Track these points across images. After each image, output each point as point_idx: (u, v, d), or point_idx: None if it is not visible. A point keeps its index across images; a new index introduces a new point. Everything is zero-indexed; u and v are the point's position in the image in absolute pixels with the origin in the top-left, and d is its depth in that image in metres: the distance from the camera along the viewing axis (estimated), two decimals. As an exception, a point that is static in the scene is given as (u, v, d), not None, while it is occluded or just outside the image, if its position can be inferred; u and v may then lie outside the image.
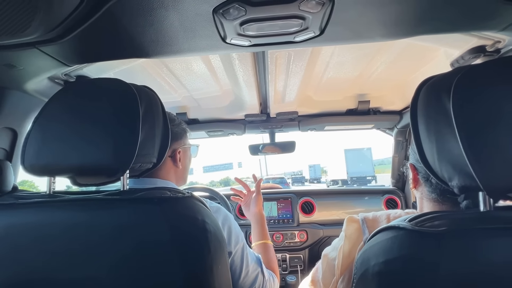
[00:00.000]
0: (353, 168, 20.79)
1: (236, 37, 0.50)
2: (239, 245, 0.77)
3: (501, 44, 0.68)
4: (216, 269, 0.54)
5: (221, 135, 1.58)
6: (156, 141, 0.63)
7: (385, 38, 0.57)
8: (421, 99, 0.53)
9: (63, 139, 0.54)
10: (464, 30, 0.57)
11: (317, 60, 0.96)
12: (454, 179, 0.45)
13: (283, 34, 0.50)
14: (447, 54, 0.84)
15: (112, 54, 0.61)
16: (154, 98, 0.65)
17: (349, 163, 21.09)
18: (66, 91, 0.59)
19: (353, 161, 20.95)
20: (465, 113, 0.42)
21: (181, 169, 0.83)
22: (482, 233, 0.39)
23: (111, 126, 0.54)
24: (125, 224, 0.50)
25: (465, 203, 0.49)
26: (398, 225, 0.44)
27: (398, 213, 0.65)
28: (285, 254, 1.67)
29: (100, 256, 0.48)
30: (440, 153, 0.47)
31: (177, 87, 1.18)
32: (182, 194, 0.56)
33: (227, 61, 0.90)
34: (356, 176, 20.38)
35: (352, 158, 21.08)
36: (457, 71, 0.47)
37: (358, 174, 20.53)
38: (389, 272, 0.42)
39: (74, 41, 0.52)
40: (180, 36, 0.51)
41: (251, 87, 1.10)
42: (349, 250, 0.64)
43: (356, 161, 20.92)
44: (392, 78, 1.13)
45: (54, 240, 0.50)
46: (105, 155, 0.52)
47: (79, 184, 0.58)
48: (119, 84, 0.58)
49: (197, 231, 0.53)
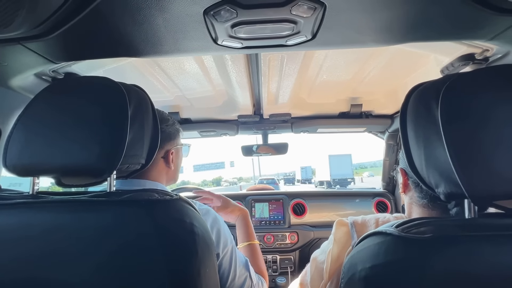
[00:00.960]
0: (336, 171, 24.73)
1: (228, 39, 0.49)
2: (227, 248, 0.77)
3: (490, 52, 0.70)
4: (203, 273, 0.53)
5: (213, 136, 1.57)
6: (145, 142, 0.62)
7: (377, 44, 0.57)
8: (410, 105, 0.53)
9: (48, 138, 0.52)
10: (453, 38, 0.58)
11: (310, 62, 0.96)
12: (440, 185, 0.46)
13: (275, 38, 0.50)
14: (437, 60, 0.85)
15: (100, 53, 0.60)
16: (144, 97, 0.64)
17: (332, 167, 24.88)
18: (52, 89, 0.58)
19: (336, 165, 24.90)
20: (452, 121, 0.43)
21: (173, 170, 0.82)
22: (466, 240, 0.40)
23: (98, 125, 0.52)
24: (110, 227, 0.48)
25: (455, 210, 0.50)
26: (385, 230, 0.44)
27: (386, 218, 0.66)
28: (276, 255, 1.67)
29: (83, 260, 0.47)
30: (428, 160, 0.48)
31: (169, 86, 1.17)
32: (170, 196, 0.55)
33: (219, 61, 0.90)
34: (338, 178, 24.27)
35: (335, 162, 25.00)
36: (446, 78, 0.48)
37: (339, 176, 24.40)
38: (374, 277, 0.43)
39: (60, 39, 0.50)
40: (170, 36, 0.50)
41: (244, 88, 1.10)
42: (338, 254, 0.65)
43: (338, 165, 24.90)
44: (384, 82, 1.14)
45: (36, 242, 0.48)
46: (91, 155, 0.51)
47: (64, 185, 0.57)
48: (107, 82, 0.57)
49: (185, 234, 0.53)
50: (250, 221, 1.03)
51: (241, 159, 34.80)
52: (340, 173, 24.54)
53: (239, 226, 1.03)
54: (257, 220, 1.73)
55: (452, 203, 0.50)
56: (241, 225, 1.02)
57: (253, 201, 1.77)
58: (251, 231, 1.00)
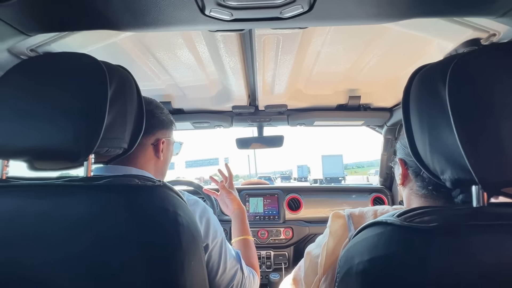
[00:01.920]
0: (328, 170, 27.11)
1: (216, 7, 0.45)
2: (217, 240, 0.73)
3: (496, 37, 0.66)
4: (188, 266, 0.49)
5: (207, 127, 1.52)
6: (128, 125, 0.58)
7: (379, 20, 0.53)
8: (414, 88, 0.50)
9: (19, 118, 0.48)
10: (462, 14, 0.54)
11: (307, 49, 0.92)
12: (446, 172, 0.42)
13: (269, 7, 0.45)
14: (440, 47, 0.81)
15: (76, 23, 0.55)
16: (128, 78, 0.60)
17: (325, 166, 27.27)
18: (25, 64, 0.53)
19: (328, 165, 27.30)
20: (461, 101, 0.39)
21: (162, 161, 0.78)
22: (474, 230, 0.36)
23: (73, 104, 0.48)
24: (85, 214, 0.44)
25: (460, 198, 0.47)
26: (386, 220, 0.41)
27: (385, 209, 0.62)
28: (270, 251, 1.64)
29: (54, 249, 0.43)
30: (433, 145, 0.44)
31: (160, 73, 1.11)
32: (152, 182, 0.51)
33: (212, 44, 0.85)
34: (330, 177, 26.46)
35: (327, 162, 27.45)
36: (452, 57, 0.44)
37: (331, 175, 26.59)
38: (373, 271, 0.39)
39: (28, 3, 0.45)
40: (153, 4, 0.46)
41: (238, 76, 1.05)
42: (333, 247, 0.61)
43: (330, 164, 27.31)
44: (383, 73, 1.11)
45: (5, 227, 0.44)
46: (65, 137, 0.47)
47: (38, 169, 0.53)
48: (86, 59, 0.52)
49: (167, 223, 0.48)
50: (246, 218, 1.03)
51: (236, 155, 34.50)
52: (332, 172, 26.86)
53: (235, 221, 1.01)
54: (251, 215, 1.70)
55: (457, 191, 0.46)
56: (237, 220, 1.01)
57: (247, 196, 1.74)
58: (247, 228, 1.00)
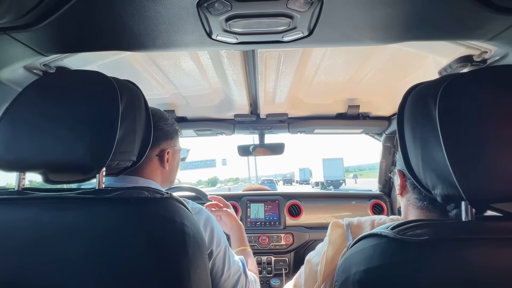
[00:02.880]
0: (329, 173, 27.35)
1: (222, 33, 0.48)
2: (221, 247, 0.76)
3: (488, 54, 0.69)
4: (194, 274, 0.51)
5: (209, 135, 1.55)
6: (137, 139, 0.61)
7: (375, 42, 0.56)
8: (408, 105, 0.52)
9: (35, 133, 0.51)
10: (452, 38, 0.57)
11: (307, 62, 0.95)
12: (437, 187, 0.45)
13: (271, 33, 0.48)
14: (435, 62, 0.84)
15: (90, 46, 0.58)
16: (137, 93, 0.63)
17: (325, 169, 27.44)
18: (41, 82, 0.56)
19: (329, 168, 27.50)
20: (450, 121, 0.42)
21: (168, 171, 0.80)
22: (463, 243, 0.39)
23: (87, 120, 0.51)
24: (98, 226, 0.47)
25: (454, 212, 0.49)
26: (381, 232, 0.43)
27: (382, 220, 0.65)
28: (270, 257, 1.65)
29: (69, 259, 0.45)
30: (425, 161, 0.47)
31: (164, 83, 1.15)
32: (160, 194, 0.54)
33: (216, 58, 0.88)
34: (330, 180, 26.88)
35: (328, 165, 27.60)
36: (444, 78, 0.47)
37: (332, 178, 27.01)
38: (369, 281, 0.41)
39: (48, 29, 0.49)
40: (163, 29, 0.49)
41: (240, 87, 1.08)
42: (332, 256, 0.63)
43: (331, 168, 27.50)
44: (381, 84, 1.14)
45: (21, 240, 0.47)
46: (80, 152, 0.50)
47: (52, 182, 0.55)
48: (98, 76, 0.55)
49: (175, 234, 0.51)
50: (244, 232, 1.07)
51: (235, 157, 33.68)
52: (333, 175, 27.13)
53: (233, 235, 1.05)
54: (252, 221, 1.72)
55: (451, 205, 0.49)
56: (236, 234, 1.05)
57: (248, 202, 1.76)
58: (245, 240, 1.05)
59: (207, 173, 31.49)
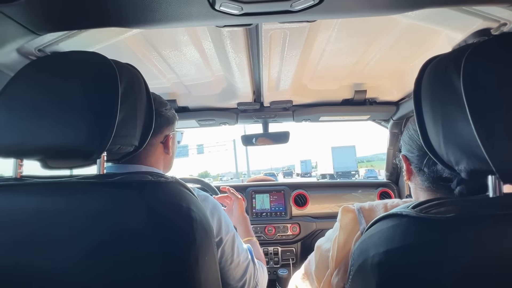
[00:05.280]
0: (339, 164, 23.54)
1: (226, 2, 0.44)
2: (229, 234, 0.75)
3: (507, 26, 0.65)
4: (202, 261, 0.49)
5: (212, 125, 1.52)
6: (138, 122, 0.58)
7: (389, 11, 0.52)
8: (425, 79, 0.49)
9: (32, 117, 0.48)
10: (473, 2, 0.53)
11: (313, 44, 0.91)
12: (462, 162, 0.42)
13: (279, 0, 0.45)
14: (449, 38, 0.80)
15: (85, 21, 0.55)
16: (137, 76, 0.60)
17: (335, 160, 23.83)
18: (36, 64, 0.53)
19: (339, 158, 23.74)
20: (477, 92, 0.39)
21: (170, 156, 0.80)
22: (491, 220, 0.36)
23: (85, 103, 0.48)
24: (100, 211, 0.45)
25: (458, 189, 0.47)
26: (401, 212, 0.40)
27: (395, 202, 0.62)
28: (277, 247, 1.64)
29: (72, 244, 0.43)
30: (447, 136, 0.44)
31: (166, 72, 1.12)
32: (165, 178, 0.51)
33: (218, 40, 0.85)
34: (341, 171, 23.02)
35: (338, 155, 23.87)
36: (465, 48, 0.44)
37: (343, 169, 23.21)
38: (390, 263, 0.39)
39: (38, 2, 0.46)
40: (162, 0, 0.46)
41: (244, 72, 1.05)
42: (345, 241, 0.61)
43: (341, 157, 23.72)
44: (390, 66, 1.09)
45: (21, 226, 0.45)
46: (79, 135, 0.47)
47: (51, 168, 0.53)
48: (96, 57, 0.53)
49: (181, 219, 0.49)
50: (249, 223, 1.08)
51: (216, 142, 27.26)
52: (344, 165, 23.45)
53: (240, 226, 1.05)
54: (257, 212, 1.70)
55: (454, 183, 0.47)
56: (242, 225, 1.06)
57: (253, 193, 1.74)
58: (251, 231, 1.05)
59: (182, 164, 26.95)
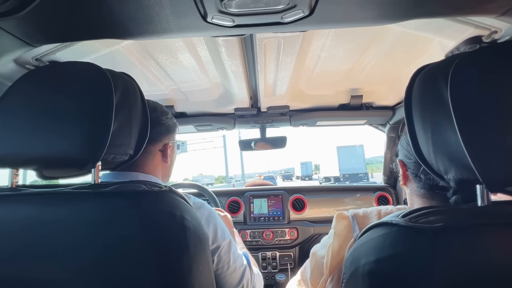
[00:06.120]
0: (346, 165, 20.67)
1: (218, 15, 0.45)
2: (226, 241, 0.75)
3: (498, 34, 0.66)
4: (196, 269, 0.50)
5: (210, 130, 1.53)
6: (133, 131, 0.59)
7: (379, 21, 0.53)
8: (416, 88, 0.50)
9: (27, 127, 0.49)
10: (461, 13, 0.54)
11: (308, 50, 0.92)
12: (450, 171, 0.42)
13: (270, 13, 0.46)
14: (441, 45, 0.81)
15: (81, 33, 0.56)
16: (132, 85, 0.61)
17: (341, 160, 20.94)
18: (32, 74, 0.54)
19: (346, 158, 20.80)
20: (463, 101, 0.39)
21: (168, 165, 0.80)
22: (481, 230, 0.36)
23: (80, 113, 0.49)
24: (95, 221, 0.45)
25: (454, 198, 0.47)
26: (391, 221, 0.41)
27: (389, 209, 0.63)
28: (275, 252, 1.64)
29: (66, 255, 0.44)
30: (436, 145, 0.44)
31: (163, 79, 1.12)
32: (158, 188, 0.52)
33: (213, 48, 0.86)
34: (348, 173, 20.29)
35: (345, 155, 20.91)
36: (454, 57, 0.44)
37: (350, 171, 20.44)
38: (380, 271, 0.39)
39: (34, 15, 0.46)
40: (155, 13, 0.47)
41: (240, 79, 1.06)
42: (339, 248, 0.61)
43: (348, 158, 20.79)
44: (385, 72, 1.11)
45: (15, 237, 0.45)
46: (73, 145, 0.48)
47: (46, 178, 0.54)
48: (91, 67, 0.53)
49: (175, 228, 0.49)
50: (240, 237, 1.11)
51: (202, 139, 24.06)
52: (351, 167, 20.52)
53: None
54: (255, 216, 1.70)
55: (450, 192, 0.47)
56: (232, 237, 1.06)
57: (251, 197, 1.74)
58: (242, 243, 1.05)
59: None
